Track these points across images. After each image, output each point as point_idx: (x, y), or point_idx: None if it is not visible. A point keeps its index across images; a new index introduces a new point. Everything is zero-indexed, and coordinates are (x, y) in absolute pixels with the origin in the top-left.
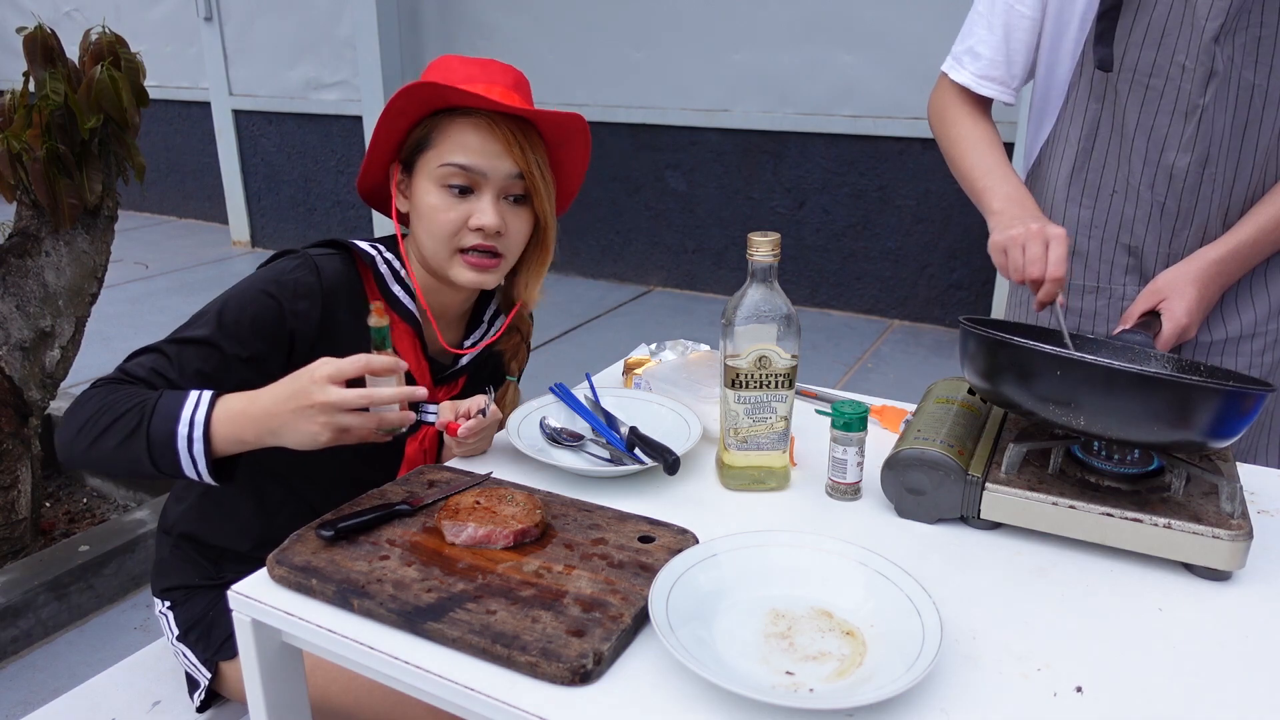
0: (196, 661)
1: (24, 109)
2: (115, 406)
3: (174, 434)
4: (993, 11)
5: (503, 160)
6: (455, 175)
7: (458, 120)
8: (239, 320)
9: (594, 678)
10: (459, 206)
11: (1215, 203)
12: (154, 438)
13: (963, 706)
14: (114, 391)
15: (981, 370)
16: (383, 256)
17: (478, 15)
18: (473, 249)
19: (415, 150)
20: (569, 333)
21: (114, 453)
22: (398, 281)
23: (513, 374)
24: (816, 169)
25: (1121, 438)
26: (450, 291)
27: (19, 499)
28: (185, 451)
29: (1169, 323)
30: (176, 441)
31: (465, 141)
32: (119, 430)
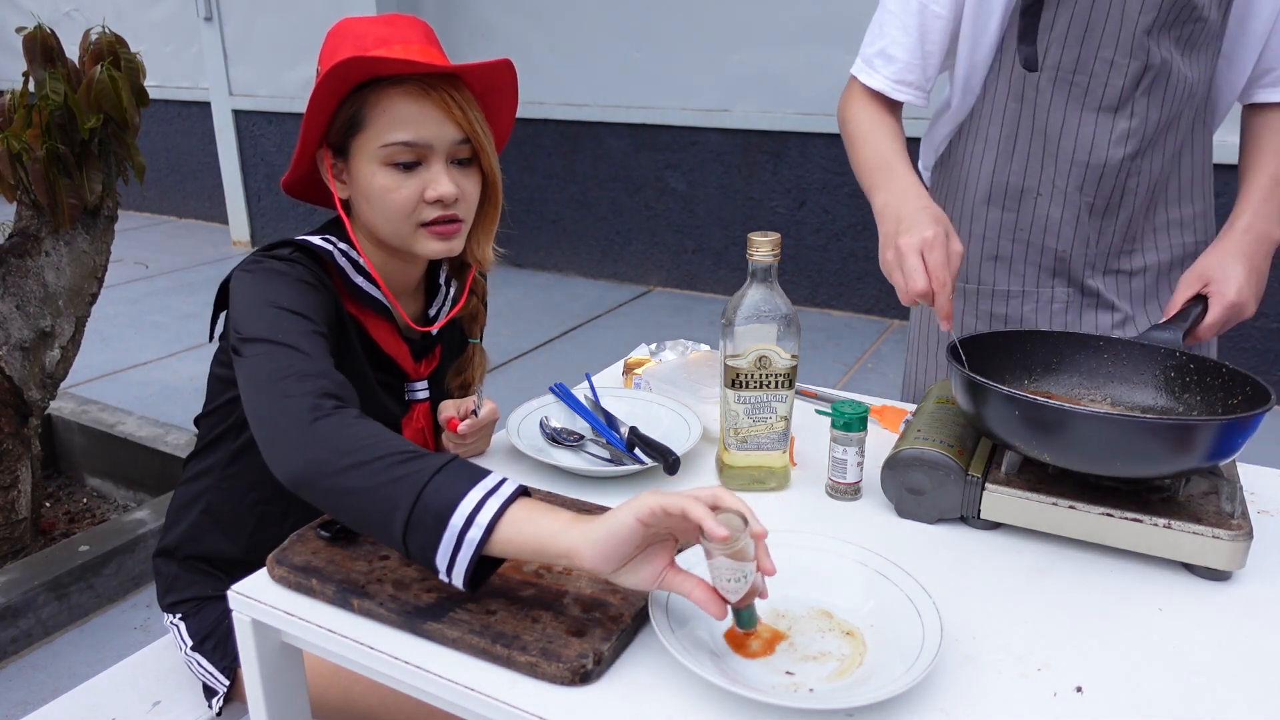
0: (214, 670)
1: (24, 109)
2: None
3: (442, 520)
4: (906, 11)
5: (445, 127)
6: (401, 153)
7: (388, 92)
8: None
9: (594, 678)
10: (410, 182)
11: (1140, 196)
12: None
13: (963, 706)
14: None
15: (961, 401)
16: (338, 249)
17: (478, 15)
18: (434, 220)
19: (347, 132)
20: (569, 333)
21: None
22: (359, 272)
23: (474, 336)
24: (816, 169)
25: (1097, 472)
26: (404, 266)
27: (19, 499)
28: (446, 549)
29: (1217, 305)
30: (441, 531)
31: (403, 115)
32: (391, 463)
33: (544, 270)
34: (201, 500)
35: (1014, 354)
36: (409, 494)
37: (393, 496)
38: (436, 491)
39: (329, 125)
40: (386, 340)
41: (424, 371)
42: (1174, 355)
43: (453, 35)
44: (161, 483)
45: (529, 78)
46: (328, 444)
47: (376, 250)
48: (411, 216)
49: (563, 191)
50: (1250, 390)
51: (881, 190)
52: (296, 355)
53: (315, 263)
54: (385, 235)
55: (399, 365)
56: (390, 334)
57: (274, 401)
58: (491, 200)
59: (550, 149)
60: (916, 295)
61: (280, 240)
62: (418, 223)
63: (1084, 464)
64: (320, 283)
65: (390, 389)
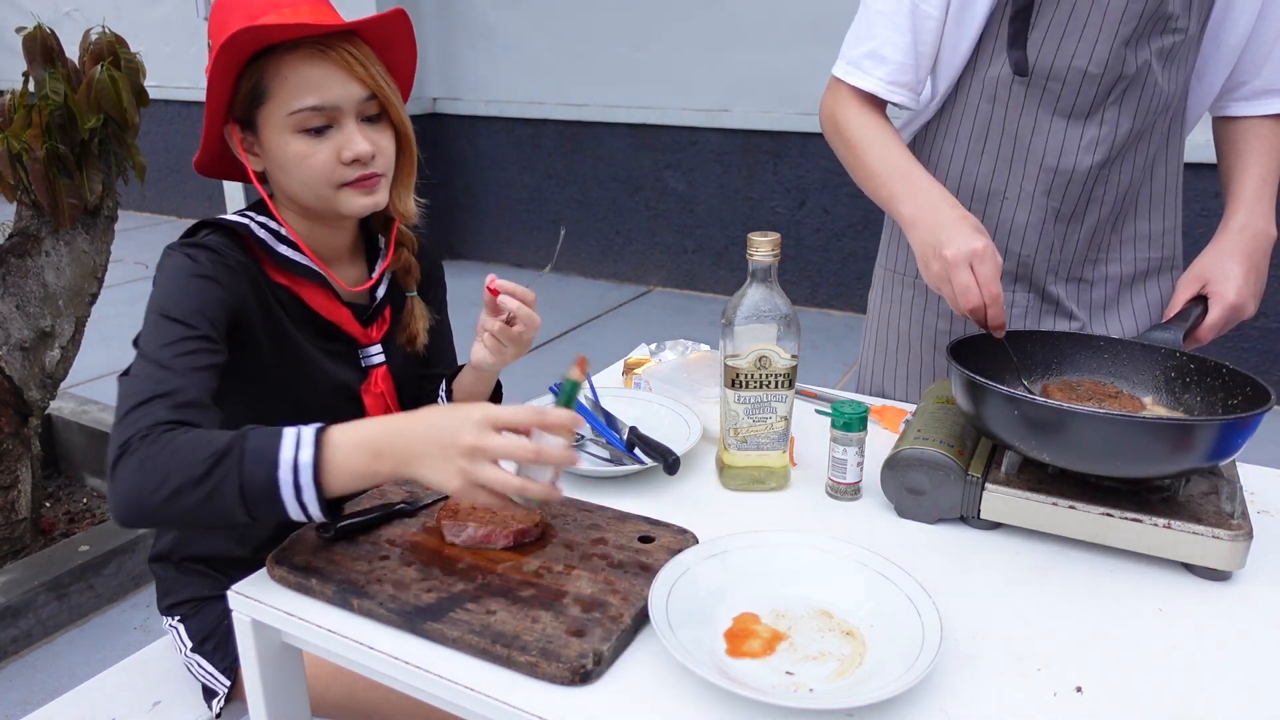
0: (215, 671)
1: (24, 109)
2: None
3: (274, 481)
4: (898, 12)
5: (350, 86)
6: (310, 118)
7: (287, 59)
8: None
9: (594, 678)
10: (324, 146)
11: (1106, 205)
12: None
13: (963, 706)
14: (167, 440)
15: (960, 401)
16: (255, 221)
17: (478, 15)
18: (355, 180)
19: (250, 104)
20: (569, 333)
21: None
22: (281, 241)
23: (410, 289)
24: (816, 169)
25: (1097, 472)
26: (333, 231)
27: (19, 499)
28: (291, 498)
29: (1217, 306)
30: (278, 488)
31: (306, 79)
32: (200, 488)
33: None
34: None
35: (1013, 354)
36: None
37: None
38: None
39: (231, 99)
40: (324, 306)
41: (375, 336)
42: (1174, 355)
43: (453, 35)
44: None
45: (529, 78)
46: (131, 485)
47: (301, 218)
48: (331, 179)
49: (563, 191)
50: (1250, 390)
51: (907, 199)
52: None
53: (231, 240)
54: (307, 201)
55: (345, 331)
56: (327, 299)
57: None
58: (406, 152)
59: (550, 149)
60: (969, 310)
61: (198, 222)
62: (338, 184)
63: (1084, 464)
64: (228, 265)
65: (343, 357)
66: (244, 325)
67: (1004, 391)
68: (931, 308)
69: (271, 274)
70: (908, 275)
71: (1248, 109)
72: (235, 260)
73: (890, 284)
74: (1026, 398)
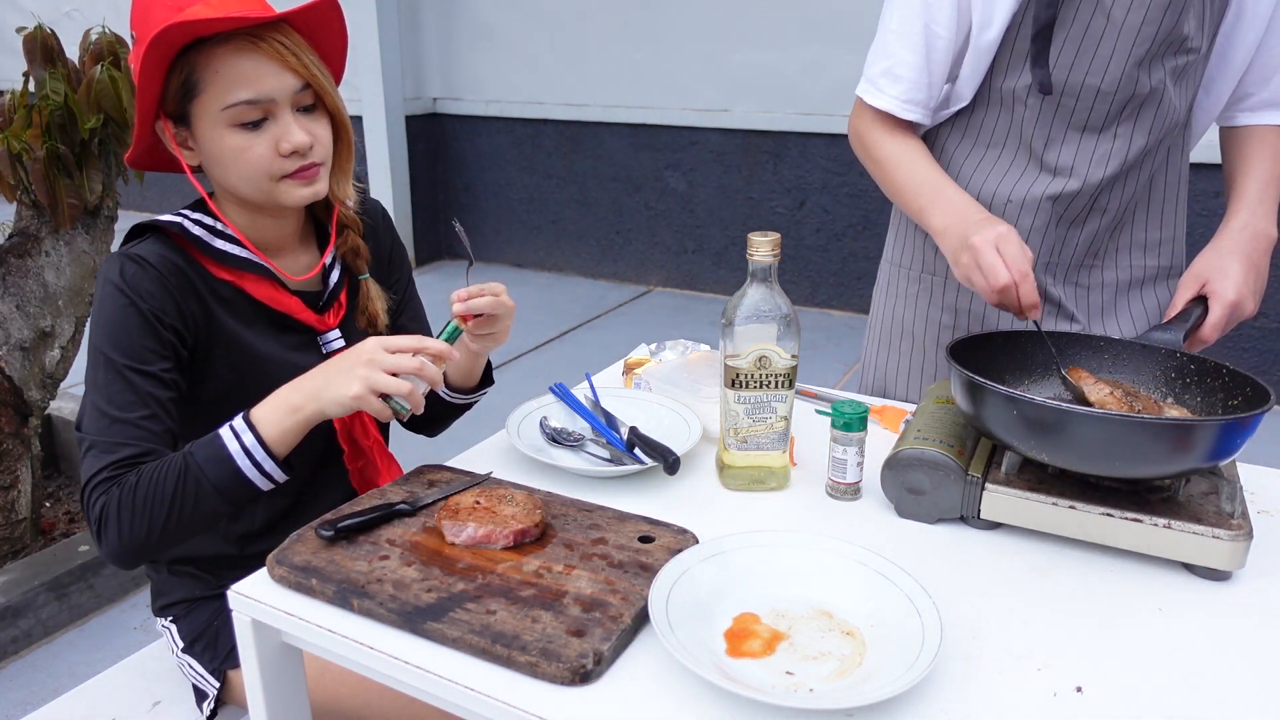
0: (204, 672)
1: (24, 109)
2: (156, 499)
3: (237, 470)
4: (910, 31)
5: (283, 77)
6: (245, 112)
7: (217, 52)
8: (131, 354)
9: (594, 678)
10: (261, 139)
11: (1109, 214)
12: (221, 485)
13: (963, 706)
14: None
15: (960, 402)
16: (189, 219)
17: (478, 15)
18: (294, 171)
19: (183, 99)
20: (569, 333)
21: (188, 521)
22: (218, 236)
23: (362, 272)
24: (816, 169)
25: (1097, 473)
26: (277, 222)
27: (19, 499)
28: (256, 476)
29: (1218, 306)
30: (244, 474)
31: (239, 73)
32: (183, 509)
33: (544, 270)
34: None
35: (1013, 354)
36: (212, 498)
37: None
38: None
39: (162, 94)
40: (271, 297)
41: (332, 321)
42: (1174, 356)
43: (453, 35)
44: None
45: (529, 78)
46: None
47: (240, 210)
48: (270, 171)
49: (563, 191)
50: (1250, 390)
51: (938, 213)
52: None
53: (167, 243)
54: (246, 194)
55: (299, 320)
56: (273, 289)
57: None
58: (344, 139)
59: (550, 149)
60: (999, 289)
61: (134, 225)
62: (277, 176)
63: (1084, 464)
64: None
65: (304, 347)
66: (189, 334)
67: (1003, 391)
68: (936, 302)
69: (214, 271)
70: (912, 270)
71: (1254, 119)
72: (168, 268)
73: (895, 278)
74: (1026, 398)
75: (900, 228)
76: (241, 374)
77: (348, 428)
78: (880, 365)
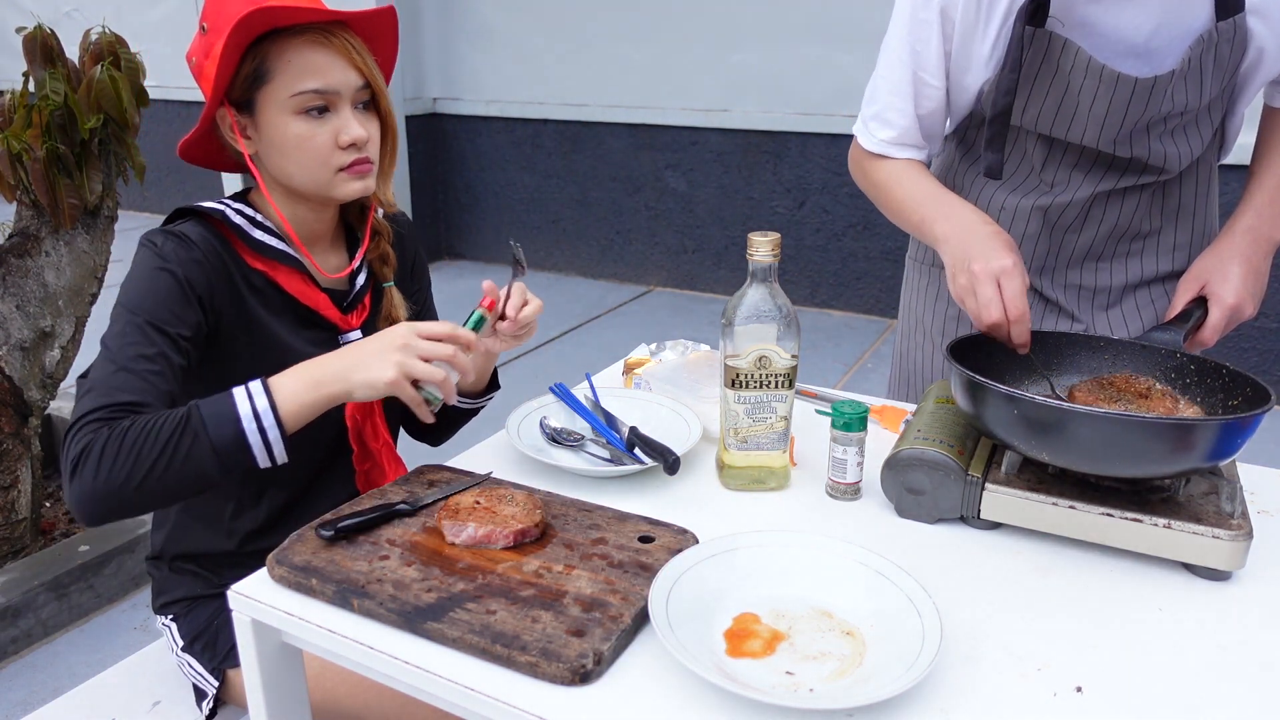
0: (203, 671)
1: (24, 109)
2: (145, 445)
3: (240, 433)
4: (899, 79)
5: (349, 73)
6: (312, 100)
7: (292, 42)
8: (154, 313)
9: (594, 678)
10: (323, 129)
11: (1106, 222)
12: (219, 444)
13: (963, 706)
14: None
15: (960, 401)
16: (231, 208)
17: (478, 15)
18: (350, 164)
19: (250, 86)
20: (569, 333)
21: (172, 477)
22: (257, 227)
23: (387, 279)
24: (816, 169)
25: (1097, 472)
26: (315, 216)
27: (19, 499)
28: (259, 445)
29: (1216, 308)
30: (246, 439)
31: (310, 63)
32: (172, 454)
33: (544, 270)
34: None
35: (1013, 354)
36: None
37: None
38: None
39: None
40: (301, 290)
41: (355, 322)
42: (1174, 356)
43: (453, 35)
44: None
45: (529, 78)
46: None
47: (286, 201)
48: (328, 161)
49: (563, 191)
50: (1250, 390)
51: (941, 221)
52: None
53: (207, 227)
54: (301, 183)
55: (324, 316)
56: (304, 284)
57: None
58: (390, 141)
59: (550, 149)
60: (989, 326)
61: (176, 209)
62: (335, 167)
63: (1084, 464)
64: (195, 258)
65: (324, 344)
66: (215, 313)
67: (1004, 391)
68: (943, 294)
69: (248, 260)
70: (923, 263)
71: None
72: (208, 248)
73: (911, 272)
74: (1026, 397)
75: None
76: (262, 362)
77: (359, 427)
78: (901, 357)
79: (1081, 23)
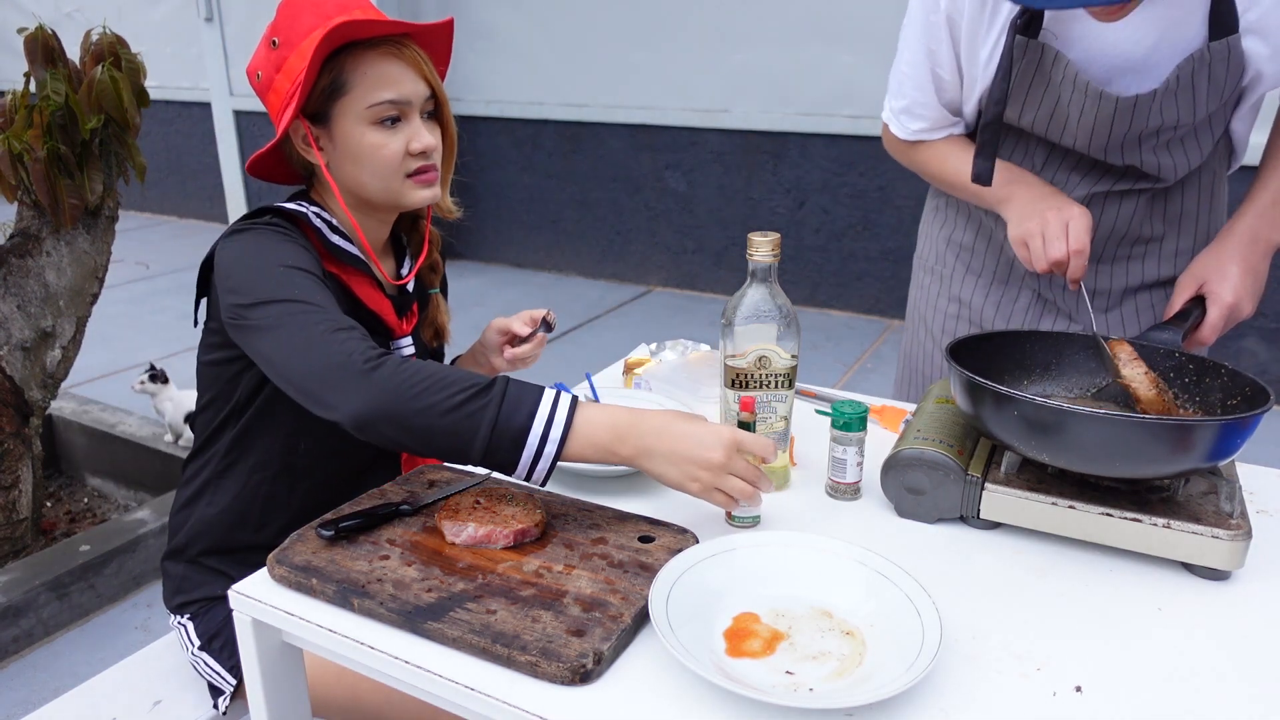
0: (222, 670)
1: (25, 109)
2: (453, 380)
3: (526, 430)
4: (920, 75)
5: (418, 84)
6: (387, 110)
7: (367, 55)
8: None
9: (594, 678)
10: (396, 138)
11: (1103, 225)
12: (501, 425)
13: (963, 706)
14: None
15: (960, 402)
16: (312, 210)
17: (478, 15)
18: (416, 170)
19: (328, 98)
20: (569, 333)
21: (446, 423)
22: (334, 231)
23: (434, 286)
24: (816, 169)
25: (1097, 473)
26: (380, 225)
27: (20, 499)
28: (526, 462)
29: (1215, 307)
30: (528, 437)
31: (385, 75)
32: (459, 403)
33: (544, 270)
34: (205, 494)
35: (1013, 354)
36: (483, 428)
37: (465, 431)
38: (507, 425)
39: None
40: (370, 296)
41: (406, 329)
42: (1173, 355)
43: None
44: (162, 482)
45: (529, 78)
46: (389, 388)
47: (357, 210)
48: (400, 169)
49: (563, 191)
50: (1250, 390)
51: (1001, 185)
52: (317, 311)
53: (293, 226)
54: (372, 191)
55: (384, 321)
56: (373, 289)
57: (321, 354)
58: (450, 150)
59: (550, 149)
60: (1055, 260)
61: (255, 209)
62: (405, 174)
63: (1084, 465)
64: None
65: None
66: None
67: (1004, 391)
68: (944, 291)
69: (324, 262)
70: (927, 262)
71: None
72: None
73: (916, 272)
74: (1026, 398)
75: (925, 225)
76: None
77: None
78: (906, 357)
79: (1079, 36)
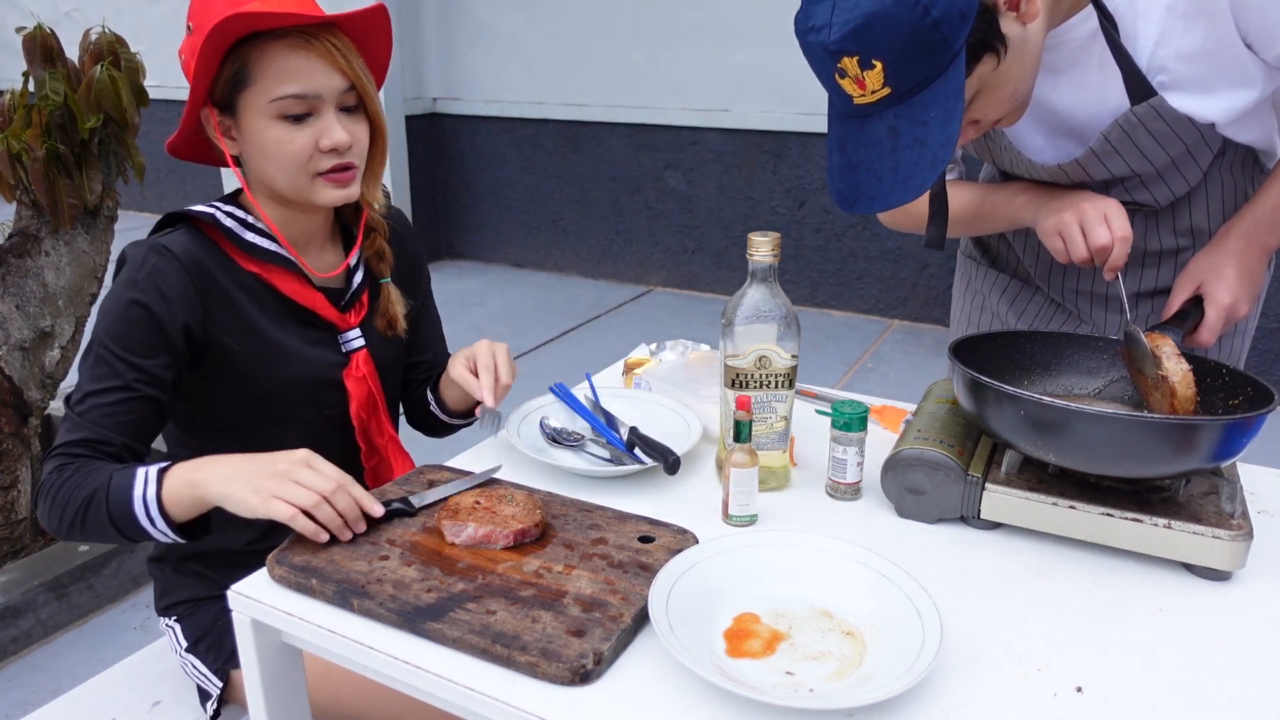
0: (207, 671)
1: (24, 109)
2: (72, 499)
3: (133, 514)
4: None
5: (331, 76)
6: (292, 105)
7: (271, 46)
8: (124, 345)
9: (594, 678)
10: (303, 133)
11: None
12: (119, 523)
13: (963, 706)
14: (63, 478)
15: (963, 401)
16: (221, 210)
17: (478, 15)
18: (330, 169)
19: (232, 89)
20: (569, 333)
21: (95, 536)
22: (249, 229)
23: (383, 275)
24: (816, 169)
25: (1100, 473)
26: (305, 217)
27: (19, 499)
28: (149, 526)
29: (1212, 308)
30: (138, 521)
31: (290, 68)
32: (86, 521)
33: (544, 270)
34: None
35: (1014, 354)
36: (108, 526)
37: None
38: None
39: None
40: (297, 291)
41: (353, 321)
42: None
43: (453, 35)
44: None
45: (529, 77)
46: (44, 517)
47: (273, 204)
48: (307, 167)
49: (563, 191)
50: (1251, 391)
51: (1018, 192)
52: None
53: (196, 234)
54: (281, 187)
55: (322, 316)
56: (298, 284)
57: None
58: (379, 144)
59: (550, 149)
60: (1100, 246)
61: (165, 215)
62: (314, 172)
63: (1087, 464)
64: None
65: (323, 343)
66: (200, 327)
67: (1009, 391)
68: (972, 285)
69: (241, 262)
70: (962, 252)
71: None
72: (190, 259)
73: (960, 264)
74: (1030, 397)
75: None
76: (262, 364)
77: (364, 426)
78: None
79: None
